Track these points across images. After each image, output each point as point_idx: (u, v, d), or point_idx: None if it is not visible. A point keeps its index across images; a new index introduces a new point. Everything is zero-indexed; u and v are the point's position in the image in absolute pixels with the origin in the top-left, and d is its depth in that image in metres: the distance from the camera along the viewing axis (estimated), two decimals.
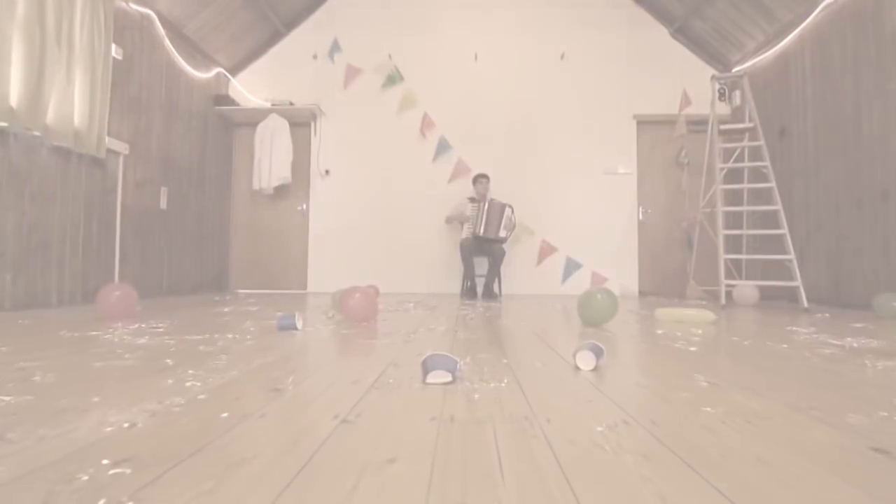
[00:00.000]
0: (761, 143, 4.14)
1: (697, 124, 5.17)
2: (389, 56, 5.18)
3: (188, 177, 4.51)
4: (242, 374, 1.09)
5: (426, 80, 5.19)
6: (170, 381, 1.01)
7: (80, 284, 3.18)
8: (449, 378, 1.01)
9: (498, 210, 4.46)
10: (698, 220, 4.86)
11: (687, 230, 5.14)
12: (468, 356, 1.36)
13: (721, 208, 3.96)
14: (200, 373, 1.10)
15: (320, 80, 5.22)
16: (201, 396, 0.89)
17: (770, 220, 4.29)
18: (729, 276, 4.92)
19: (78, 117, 3.11)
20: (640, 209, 5.19)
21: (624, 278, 5.09)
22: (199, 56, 4.66)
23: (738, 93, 5.05)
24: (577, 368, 1.20)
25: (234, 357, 1.30)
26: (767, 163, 4.03)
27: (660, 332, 2.01)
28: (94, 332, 1.77)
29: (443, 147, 5.13)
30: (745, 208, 4.29)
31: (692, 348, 1.57)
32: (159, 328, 1.92)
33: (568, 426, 0.74)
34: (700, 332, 2.03)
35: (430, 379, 1.01)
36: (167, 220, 4.18)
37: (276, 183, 4.90)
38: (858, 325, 2.43)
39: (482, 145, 5.15)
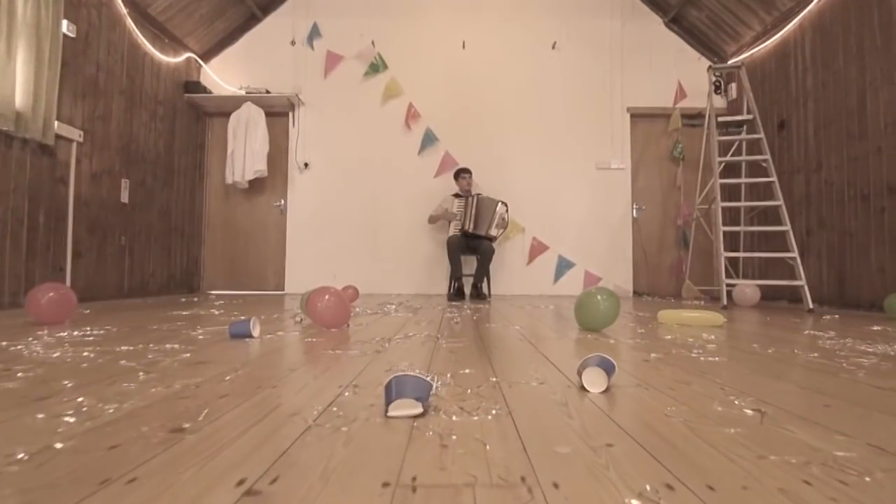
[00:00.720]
0: (761, 135, 3.96)
1: (692, 118, 4.99)
2: (372, 43, 4.91)
3: (154, 168, 4.20)
4: (149, 402, 0.83)
5: (411, 69, 4.93)
6: (40, 416, 0.74)
7: (22, 285, 2.87)
8: (418, 409, 0.76)
9: (489, 206, 4.21)
10: (694, 217, 4.67)
11: (682, 228, 4.96)
12: (448, 372, 1.12)
13: (720, 204, 3.76)
14: (94, 401, 0.83)
15: (299, 67, 4.93)
16: (62, 444, 0.63)
17: (770, 216, 4.11)
18: (726, 275, 4.74)
19: (20, 98, 2.79)
20: (634, 206, 4.99)
21: (618, 278, 4.88)
22: (167, 39, 4.34)
23: (733, 85, 4.88)
24: (584, 390, 0.96)
25: (156, 376, 1.04)
26: (768, 156, 3.85)
27: (668, 337, 1.78)
28: (3, 343, 1.49)
29: (429, 139, 4.87)
30: (743, 203, 4.11)
31: (713, 359, 1.34)
32: (90, 336, 1.64)
33: (586, 497, 0.50)
34: (712, 337, 1.81)
35: (394, 411, 0.76)
36: (129, 215, 3.86)
37: (250, 176, 4.60)
38: (876, 327, 2.24)
39: (470, 138, 4.91)
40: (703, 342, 1.66)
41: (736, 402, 0.88)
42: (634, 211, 4.99)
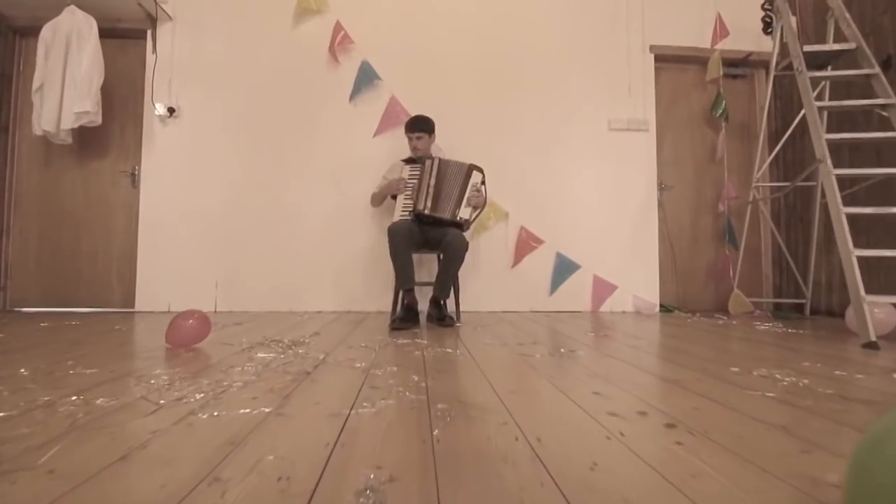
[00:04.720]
0: (875, 70, 2.58)
1: (737, 65, 3.63)
2: None
3: None
4: None
5: None
6: None
7: None
8: None
9: (456, 172, 2.64)
10: (750, 201, 3.28)
11: (727, 216, 3.57)
12: None
13: (832, 170, 2.34)
14: None
15: None
16: None
17: (859, 195, 2.76)
18: (777, 284, 3.39)
19: None
20: (660, 185, 3.56)
21: (639, 287, 3.42)
22: None
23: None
24: None
25: None
26: (893, 98, 2.47)
27: None
28: None
29: (366, 78, 3.25)
30: (861, 171, 2.71)
31: None
32: None
33: None
34: None
35: None
36: None
37: (70, 123, 2.83)
38: None
39: (428, 79, 3.32)
40: None
41: None
42: (659, 192, 3.55)
